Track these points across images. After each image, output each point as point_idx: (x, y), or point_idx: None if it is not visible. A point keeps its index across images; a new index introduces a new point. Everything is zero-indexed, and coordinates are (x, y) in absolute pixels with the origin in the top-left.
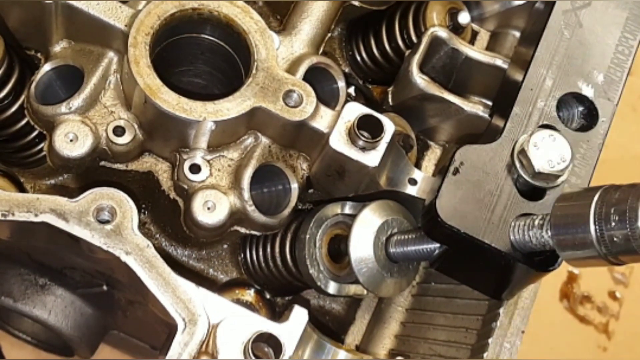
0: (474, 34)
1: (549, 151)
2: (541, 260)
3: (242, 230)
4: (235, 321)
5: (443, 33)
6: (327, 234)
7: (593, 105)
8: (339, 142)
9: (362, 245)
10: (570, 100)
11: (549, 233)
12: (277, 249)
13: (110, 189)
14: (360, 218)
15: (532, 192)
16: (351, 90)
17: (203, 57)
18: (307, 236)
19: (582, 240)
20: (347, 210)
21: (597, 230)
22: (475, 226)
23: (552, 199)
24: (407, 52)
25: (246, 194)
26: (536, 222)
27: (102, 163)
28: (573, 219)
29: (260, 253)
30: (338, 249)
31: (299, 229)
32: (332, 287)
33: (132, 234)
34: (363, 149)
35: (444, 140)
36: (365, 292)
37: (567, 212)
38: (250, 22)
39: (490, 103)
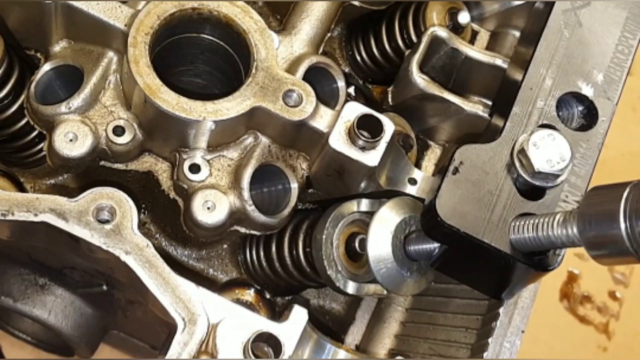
0: (474, 34)
1: (548, 150)
2: (541, 260)
3: (242, 230)
4: (234, 321)
5: (443, 33)
6: (343, 232)
7: (593, 104)
8: (338, 141)
9: (380, 245)
10: (570, 99)
11: (576, 230)
12: (283, 249)
13: (110, 189)
14: (377, 217)
15: (531, 192)
16: (351, 90)
17: (203, 56)
18: (324, 236)
19: (611, 237)
20: (363, 207)
21: (628, 227)
22: (474, 226)
23: (551, 199)
24: (407, 52)
25: (246, 194)
26: (560, 220)
27: (102, 163)
28: (602, 216)
29: (261, 253)
30: (355, 248)
31: (311, 229)
32: (351, 287)
33: (132, 234)
34: (363, 148)
35: (443, 140)
36: (385, 291)
37: (596, 209)
38: (250, 21)
39: (490, 103)
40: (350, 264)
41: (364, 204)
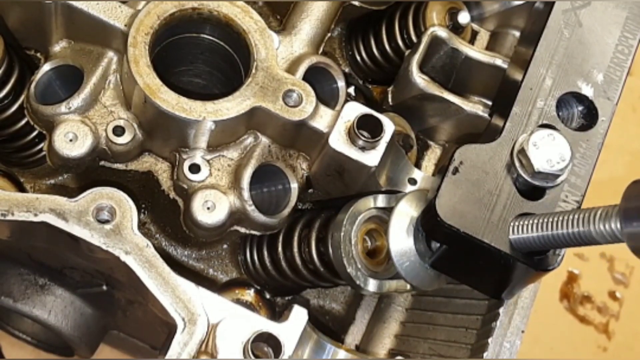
0: (474, 34)
1: (548, 150)
2: (541, 260)
3: (242, 230)
4: (234, 321)
5: (443, 33)
6: (361, 230)
7: (593, 104)
8: (338, 141)
9: (402, 239)
10: (569, 99)
11: (619, 225)
12: (291, 249)
13: (110, 189)
14: (397, 211)
15: (531, 192)
16: (351, 90)
17: (203, 56)
18: (342, 234)
19: None
20: (380, 203)
21: None
22: (474, 225)
23: (551, 199)
24: (407, 52)
25: (246, 194)
26: (601, 215)
27: (102, 163)
28: None
29: (265, 253)
30: (373, 245)
31: (324, 227)
32: (371, 285)
33: (132, 234)
34: (363, 148)
35: (444, 140)
36: (408, 286)
37: None
38: (250, 21)
39: (490, 103)
40: (370, 261)
41: (381, 200)
